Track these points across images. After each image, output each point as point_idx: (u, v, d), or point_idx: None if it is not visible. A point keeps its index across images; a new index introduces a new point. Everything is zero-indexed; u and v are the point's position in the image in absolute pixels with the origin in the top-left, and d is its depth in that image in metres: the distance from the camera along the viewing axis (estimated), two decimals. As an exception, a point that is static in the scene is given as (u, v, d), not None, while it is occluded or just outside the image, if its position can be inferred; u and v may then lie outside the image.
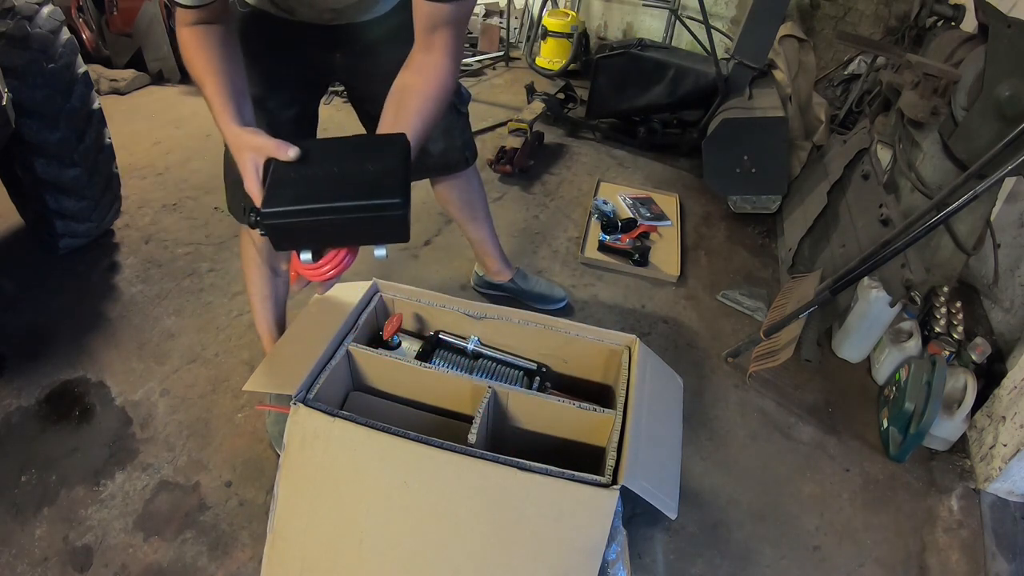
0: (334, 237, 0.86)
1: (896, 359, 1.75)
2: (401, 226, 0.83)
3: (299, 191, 0.80)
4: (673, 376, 1.26)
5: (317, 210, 0.79)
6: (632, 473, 0.94)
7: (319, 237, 0.85)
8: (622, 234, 2.31)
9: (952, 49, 1.84)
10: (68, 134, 1.82)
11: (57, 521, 1.33)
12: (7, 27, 1.66)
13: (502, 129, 3.00)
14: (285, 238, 0.84)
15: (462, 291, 2.06)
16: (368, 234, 0.85)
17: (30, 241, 2.11)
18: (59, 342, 1.75)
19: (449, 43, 0.94)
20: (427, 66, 0.95)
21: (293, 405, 1.03)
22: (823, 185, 2.19)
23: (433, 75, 0.95)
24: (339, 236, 0.86)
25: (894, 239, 1.46)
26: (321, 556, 1.01)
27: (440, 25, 0.93)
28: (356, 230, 0.84)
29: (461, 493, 0.96)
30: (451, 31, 0.94)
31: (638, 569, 1.32)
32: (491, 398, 1.12)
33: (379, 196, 0.80)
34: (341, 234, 0.85)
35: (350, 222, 0.81)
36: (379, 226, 0.83)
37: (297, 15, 1.19)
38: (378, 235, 0.85)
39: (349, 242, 0.89)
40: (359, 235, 0.86)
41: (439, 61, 0.95)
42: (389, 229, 0.84)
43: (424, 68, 0.96)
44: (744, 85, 2.55)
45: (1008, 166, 1.25)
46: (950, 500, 1.52)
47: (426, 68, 0.95)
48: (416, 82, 0.95)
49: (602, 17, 4.06)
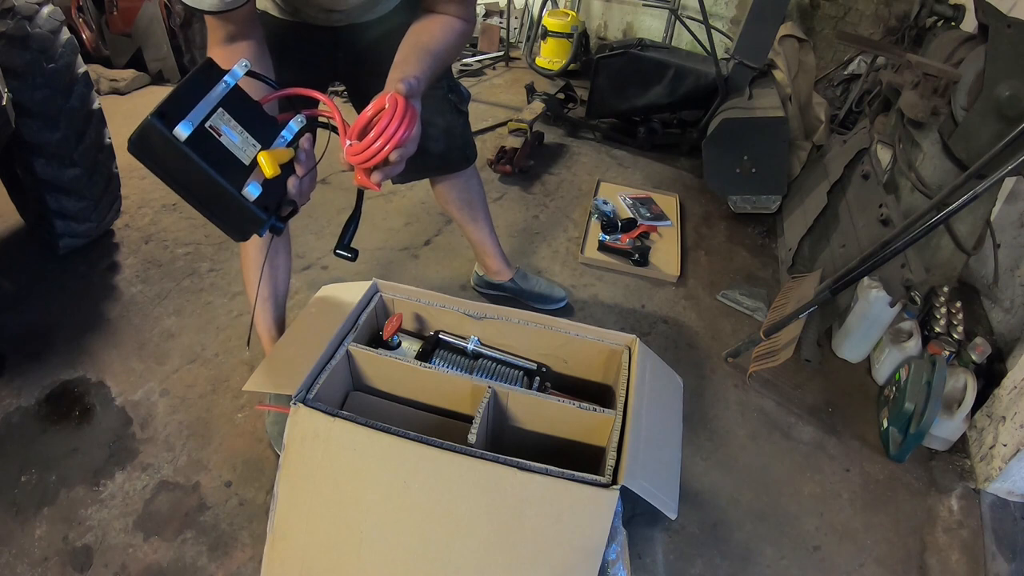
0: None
1: (896, 359, 1.75)
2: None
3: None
4: (673, 376, 1.26)
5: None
6: (632, 473, 0.94)
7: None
8: (622, 234, 2.31)
9: (952, 49, 1.84)
10: (68, 134, 1.82)
11: (57, 521, 1.33)
12: (7, 27, 1.66)
13: (502, 129, 3.00)
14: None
15: (462, 291, 2.06)
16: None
17: (30, 241, 2.11)
18: (59, 342, 1.75)
19: (463, 8, 1.04)
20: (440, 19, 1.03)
21: (293, 405, 1.03)
22: (823, 185, 2.19)
23: (447, 24, 1.03)
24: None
25: (894, 239, 1.46)
26: (321, 556, 1.01)
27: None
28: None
29: (461, 493, 0.96)
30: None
31: (638, 569, 1.32)
32: (491, 398, 1.12)
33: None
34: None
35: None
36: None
37: (300, 16, 1.19)
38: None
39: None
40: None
41: (454, 19, 1.04)
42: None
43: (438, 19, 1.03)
44: (744, 85, 2.55)
45: (1008, 166, 1.25)
46: (950, 500, 1.52)
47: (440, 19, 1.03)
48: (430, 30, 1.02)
49: (602, 17, 4.06)
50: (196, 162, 0.75)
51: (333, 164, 2.67)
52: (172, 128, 0.73)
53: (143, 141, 0.75)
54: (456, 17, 1.04)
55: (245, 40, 0.96)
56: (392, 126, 0.84)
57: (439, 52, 1.00)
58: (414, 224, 2.38)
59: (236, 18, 0.93)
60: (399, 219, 2.39)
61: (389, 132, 0.84)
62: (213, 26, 0.94)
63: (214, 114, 0.78)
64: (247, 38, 0.96)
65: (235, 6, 0.90)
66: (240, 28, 0.95)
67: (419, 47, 0.98)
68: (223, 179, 0.78)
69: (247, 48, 0.96)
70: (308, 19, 1.19)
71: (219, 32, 0.94)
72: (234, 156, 0.80)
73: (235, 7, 0.90)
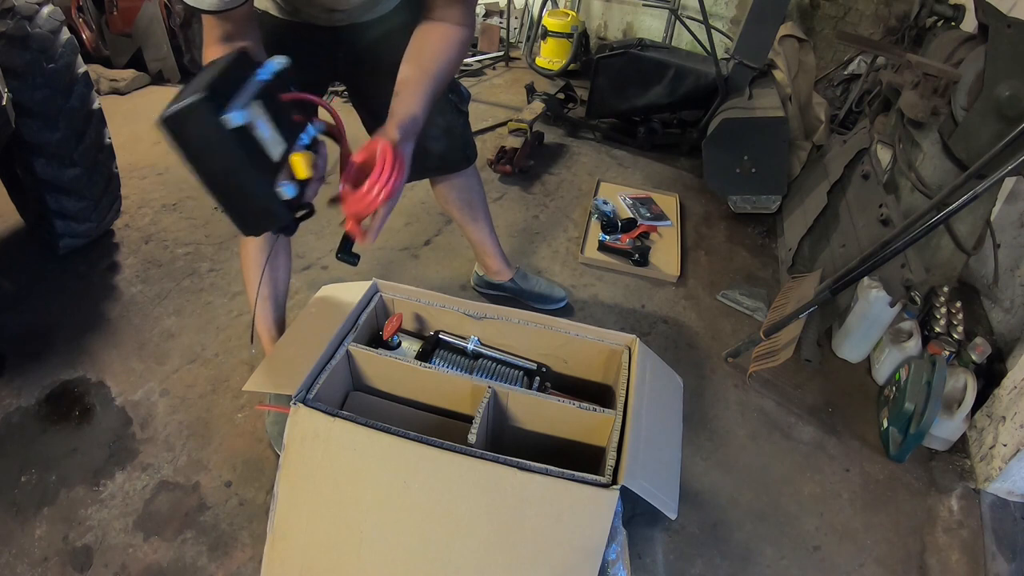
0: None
1: (896, 359, 1.75)
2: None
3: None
4: (673, 376, 1.26)
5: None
6: (632, 473, 0.94)
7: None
8: (622, 234, 2.31)
9: (952, 49, 1.84)
10: (68, 134, 1.82)
11: (57, 521, 1.33)
12: (7, 27, 1.66)
13: (502, 129, 3.00)
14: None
15: (462, 291, 2.06)
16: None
17: (30, 241, 2.11)
18: (59, 342, 1.75)
19: (463, 15, 1.04)
20: (442, 28, 1.04)
21: (293, 405, 1.03)
22: (823, 185, 2.19)
23: (448, 36, 1.03)
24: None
25: (894, 239, 1.46)
26: (321, 556, 1.01)
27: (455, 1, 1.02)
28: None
29: (461, 493, 0.96)
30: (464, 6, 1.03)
31: (638, 569, 1.32)
32: (491, 398, 1.12)
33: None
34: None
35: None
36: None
37: (300, 15, 1.19)
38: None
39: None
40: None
41: (453, 26, 1.03)
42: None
43: (439, 30, 1.04)
44: (744, 85, 2.55)
45: (1008, 166, 1.25)
46: (950, 500, 1.52)
47: (442, 30, 1.04)
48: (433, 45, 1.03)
49: (602, 17, 4.06)
50: (235, 153, 0.73)
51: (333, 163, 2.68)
52: (221, 113, 0.71)
53: (183, 119, 0.71)
54: (457, 25, 1.04)
55: (242, 40, 0.96)
56: (383, 178, 0.85)
57: (441, 73, 1.01)
58: (414, 224, 2.38)
59: (234, 18, 0.93)
60: (399, 219, 2.39)
61: (381, 183, 0.85)
62: (210, 25, 0.94)
63: (251, 106, 0.76)
64: (244, 38, 0.96)
65: (234, 6, 0.90)
66: (238, 28, 0.95)
67: (421, 70, 1.00)
68: (258, 175, 0.77)
69: (245, 49, 0.96)
70: (308, 19, 1.19)
71: (216, 31, 0.94)
72: (264, 152, 0.79)
73: (234, 7, 0.90)
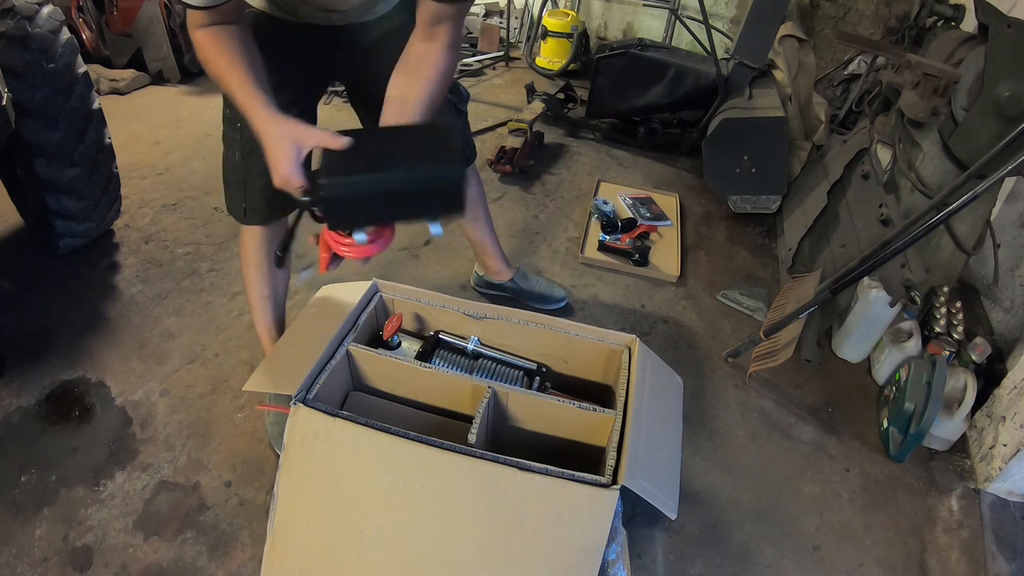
0: (392, 210, 0.85)
1: (896, 359, 1.75)
2: (459, 195, 0.84)
3: (357, 163, 0.80)
4: (673, 376, 1.26)
5: (378, 180, 0.79)
6: (632, 473, 0.94)
7: (376, 211, 0.85)
8: (622, 234, 2.31)
9: (952, 49, 1.84)
10: (68, 134, 1.82)
11: (57, 521, 1.33)
12: (7, 27, 1.66)
13: (502, 129, 3.00)
14: (343, 212, 0.83)
15: (462, 291, 2.06)
16: (426, 205, 0.85)
17: (30, 241, 2.11)
18: (59, 342, 1.75)
19: (450, 35, 1.01)
20: (429, 55, 1.01)
21: (293, 405, 1.03)
22: (823, 185, 2.19)
23: (434, 63, 1.00)
24: (397, 209, 0.85)
25: (894, 239, 1.46)
26: (321, 556, 1.01)
27: (444, 19, 0.98)
28: (416, 200, 0.84)
29: (461, 493, 0.96)
30: (452, 25, 1.00)
31: (638, 569, 1.32)
32: (491, 398, 1.12)
33: (439, 163, 0.81)
34: (400, 206, 0.85)
35: (410, 192, 0.81)
36: (437, 196, 0.84)
37: (299, 16, 1.19)
38: (435, 207, 0.86)
39: (407, 216, 0.89)
40: (418, 207, 0.86)
41: (440, 51, 1.01)
42: (447, 200, 0.85)
43: (426, 58, 1.01)
44: (744, 85, 2.55)
45: (1008, 166, 1.25)
46: (950, 500, 1.52)
47: (428, 57, 1.01)
48: (418, 71, 1.01)
49: (602, 17, 4.06)
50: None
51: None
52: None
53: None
54: (444, 48, 1.01)
55: (231, 23, 0.97)
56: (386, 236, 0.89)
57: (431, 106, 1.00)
58: (414, 224, 2.37)
59: (222, 11, 0.94)
60: (399, 219, 2.39)
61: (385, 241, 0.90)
62: (194, 15, 0.94)
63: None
64: (232, 23, 0.97)
65: (221, 1, 0.91)
66: (224, 17, 0.96)
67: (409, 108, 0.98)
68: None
69: (231, 30, 0.96)
70: (307, 19, 1.19)
71: (200, 19, 0.95)
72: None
73: (222, 2, 0.91)
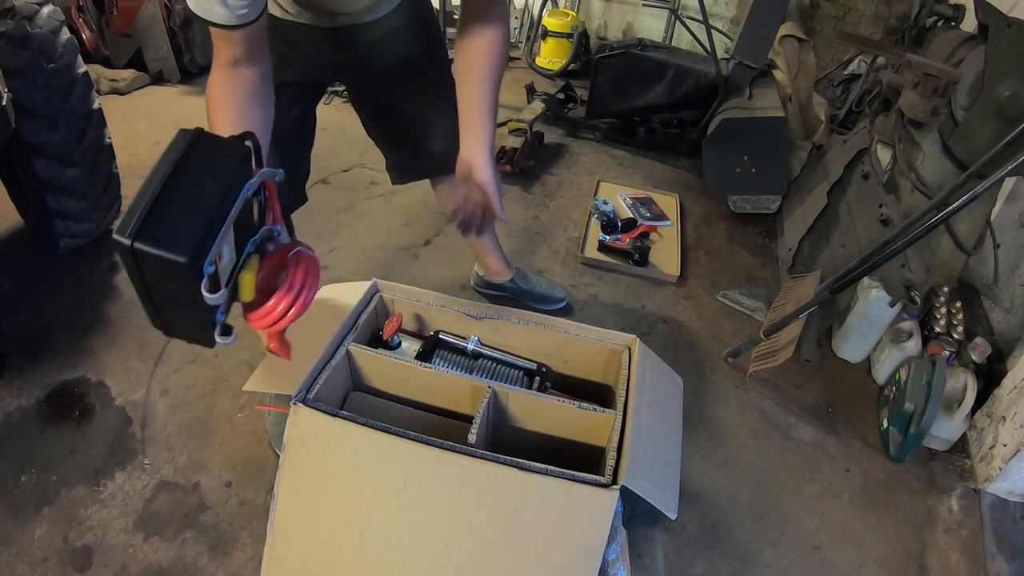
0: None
1: (896, 359, 1.75)
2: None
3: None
4: (673, 376, 1.26)
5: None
6: (632, 473, 0.94)
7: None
8: (622, 234, 2.31)
9: (952, 49, 1.84)
10: (68, 134, 1.81)
11: (57, 521, 1.32)
12: (7, 27, 1.66)
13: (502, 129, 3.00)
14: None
15: (462, 291, 2.06)
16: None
17: (30, 241, 2.11)
18: (59, 342, 1.75)
19: (503, 12, 1.13)
20: (488, 34, 1.11)
21: (293, 405, 1.03)
22: (823, 185, 2.19)
23: (495, 41, 1.11)
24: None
25: (894, 239, 1.46)
26: (321, 556, 1.01)
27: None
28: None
29: (461, 493, 0.96)
30: (502, 2, 1.13)
31: (638, 569, 1.32)
32: (491, 398, 1.12)
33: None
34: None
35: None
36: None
37: (302, 17, 1.19)
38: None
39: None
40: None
41: (497, 29, 1.11)
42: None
43: (486, 36, 1.10)
44: (744, 85, 2.55)
45: (1008, 166, 1.25)
46: (950, 500, 1.52)
47: (488, 35, 1.10)
48: (483, 49, 1.11)
49: (602, 17, 4.06)
50: (194, 288, 0.66)
51: (333, 163, 2.69)
52: (200, 270, 0.64)
53: (152, 262, 0.63)
54: (497, 27, 1.11)
55: (252, 67, 0.94)
56: (294, 292, 0.76)
57: (497, 85, 1.12)
58: (414, 224, 2.38)
59: (246, 39, 0.91)
60: (399, 219, 2.39)
61: (289, 299, 0.76)
62: (220, 45, 0.92)
63: (224, 234, 0.67)
64: (254, 64, 0.94)
65: (246, 21, 0.88)
66: (248, 51, 0.93)
67: (484, 93, 1.11)
68: (208, 305, 0.69)
69: (252, 76, 0.94)
70: (310, 20, 1.20)
71: (226, 52, 0.92)
72: (219, 276, 0.71)
73: (247, 22, 0.88)
